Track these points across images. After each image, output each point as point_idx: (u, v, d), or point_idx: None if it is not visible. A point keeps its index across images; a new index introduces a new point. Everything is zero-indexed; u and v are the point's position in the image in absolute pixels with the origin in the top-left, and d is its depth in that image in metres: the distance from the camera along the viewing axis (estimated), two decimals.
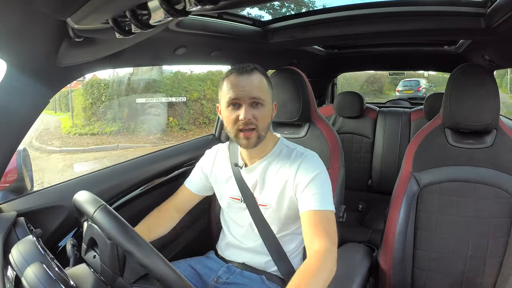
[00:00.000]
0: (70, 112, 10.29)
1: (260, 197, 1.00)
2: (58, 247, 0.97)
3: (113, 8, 0.55)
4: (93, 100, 8.93)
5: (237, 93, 0.90)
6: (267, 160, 0.99)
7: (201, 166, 1.11)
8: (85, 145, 8.16)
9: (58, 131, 9.43)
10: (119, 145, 8.11)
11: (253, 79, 0.92)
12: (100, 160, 6.84)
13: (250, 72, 0.92)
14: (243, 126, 0.90)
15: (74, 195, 0.73)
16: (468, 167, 1.09)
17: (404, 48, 1.88)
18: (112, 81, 8.97)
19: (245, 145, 0.93)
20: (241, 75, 0.92)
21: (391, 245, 1.10)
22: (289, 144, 1.02)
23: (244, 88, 0.90)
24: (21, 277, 0.58)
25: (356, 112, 2.18)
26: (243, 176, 1.01)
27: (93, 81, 8.89)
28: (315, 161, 0.97)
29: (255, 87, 0.91)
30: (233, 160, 1.04)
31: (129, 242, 0.60)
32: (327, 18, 1.26)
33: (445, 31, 1.20)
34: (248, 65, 0.94)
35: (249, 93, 0.90)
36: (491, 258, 1.05)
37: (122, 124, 8.80)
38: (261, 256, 1.02)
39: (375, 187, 2.15)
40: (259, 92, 0.91)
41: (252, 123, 0.90)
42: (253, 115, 0.90)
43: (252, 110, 0.90)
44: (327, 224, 0.86)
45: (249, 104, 0.90)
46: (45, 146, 8.17)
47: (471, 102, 1.06)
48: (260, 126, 0.92)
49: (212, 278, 1.01)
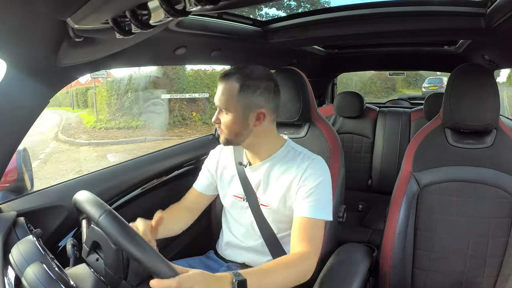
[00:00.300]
0: (88, 109, 11.00)
1: (262, 197, 1.00)
2: (58, 247, 0.97)
3: (113, 8, 0.54)
4: (118, 95, 9.49)
5: (215, 97, 0.96)
6: (271, 161, 1.00)
7: (207, 166, 1.12)
8: (113, 138, 8.59)
9: (80, 126, 10.00)
10: (147, 138, 8.53)
11: (224, 85, 0.93)
12: (131, 151, 7.25)
13: (225, 77, 0.94)
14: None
15: (74, 195, 0.73)
16: (468, 167, 1.09)
17: (404, 48, 1.87)
18: (138, 77, 9.56)
19: (220, 141, 0.98)
20: (219, 80, 0.95)
21: (391, 245, 1.10)
22: (295, 146, 1.03)
23: (217, 94, 0.95)
24: (21, 277, 0.58)
25: (356, 112, 2.18)
26: (247, 175, 1.02)
27: (119, 78, 9.63)
28: (321, 167, 0.97)
29: (222, 95, 0.93)
30: (238, 159, 1.05)
31: (138, 250, 0.60)
32: (327, 18, 1.26)
33: (445, 31, 1.20)
34: (230, 69, 0.96)
35: (217, 100, 0.95)
36: (491, 258, 1.05)
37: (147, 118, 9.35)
38: (261, 255, 1.02)
39: (375, 187, 2.15)
40: (223, 100, 0.93)
41: (220, 126, 0.96)
42: (219, 120, 0.95)
43: (220, 114, 0.95)
44: (313, 233, 0.89)
45: (220, 109, 0.95)
46: (73, 139, 8.65)
47: (471, 102, 1.06)
48: (225, 131, 0.95)
49: None
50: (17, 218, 0.80)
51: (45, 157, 7.27)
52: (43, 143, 8.51)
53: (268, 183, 0.99)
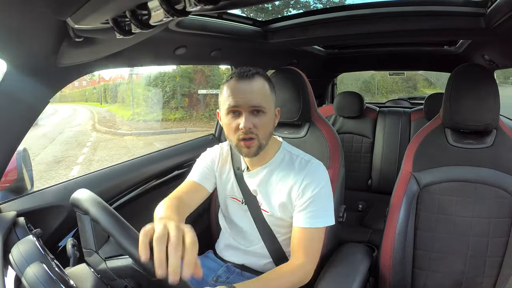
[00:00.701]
0: (118, 103, 12.16)
1: (263, 202, 0.99)
2: (58, 247, 0.97)
3: (113, 8, 0.54)
4: (155, 90, 10.52)
5: (237, 100, 0.86)
6: (269, 167, 0.97)
7: (205, 160, 1.06)
8: (155, 129, 9.42)
9: (115, 119, 11.14)
10: (187, 128, 9.31)
11: (254, 85, 0.87)
12: (175, 140, 7.74)
13: (251, 77, 0.87)
14: (244, 136, 0.87)
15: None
16: (468, 167, 1.09)
17: (404, 48, 1.87)
18: (175, 74, 10.50)
19: (246, 153, 0.90)
20: (241, 81, 0.87)
21: (391, 245, 1.10)
22: (292, 149, 0.99)
23: (244, 95, 0.86)
24: (21, 277, 0.58)
25: (356, 112, 2.18)
26: (245, 180, 1.00)
27: (159, 74, 10.58)
28: (320, 172, 0.94)
29: (256, 94, 0.86)
30: (236, 164, 1.02)
31: None
32: (327, 18, 1.26)
33: (445, 31, 1.19)
34: (249, 69, 0.89)
35: (249, 100, 0.85)
36: (491, 258, 1.05)
37: (185, 112, 10.28)
38: (261, 258, 1.02)
39: (375, 187, 2.15)
40: (260, 100, 0.87)
41: (252, 132, 0.86)
42: (253, 124, 0.86)
43: (252, 118, 0.86)
44: (310, 243, 0.90)
45: (249, 112, 0.86)
46: (114, 130, 9.58)
47: (471, 102, 1.06)
48: (261, 135, 0.88)
49: (212, 277, 1.01)
50: (17, 218, 0.80)
51: (92, 145, 7.97)
52: (84, 134, 9.47)
53: (268, 190, 0.97)
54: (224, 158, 1.05)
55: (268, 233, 0.99)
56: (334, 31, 1.27)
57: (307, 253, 0.89)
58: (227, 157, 1.05)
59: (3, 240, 0.72)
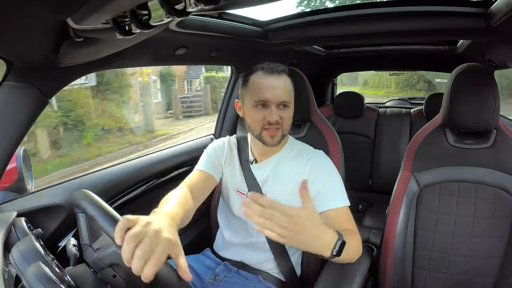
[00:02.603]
0: None
1: (270, 192, 1.00)
2: (58, 247, 0.97)
3: (113, 8, 0.54)
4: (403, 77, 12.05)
5: (267, 94, 0.91)
6: (278, 157, 1.01)
7: (214, 151, 1.07)
8: None
9: None
10: None
11: (281, 81, 0.94)
12: None
13: (280, 73, 0.94)
14: (269, 126, 0.93)
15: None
16: (468, 167, 1.09)
17: (404, 48, 1.88)
18: None
19: (269, 142, 0.95)
20: (271, 76, 0.93)
21: (391, 245, 1.10)
22: (298, 143, 1.06)
23: (274, 90, 0.92)
24: (21, 277, 0.58)
25: (356, 112, 2.18)
26: (253, 172, 1.02)
27: None
28: (326, 160, 1.01)
29: (283, 90, 0.93)
30: (243, 156, 1.05)
31: None
32: (327, 18, 1.26)
33: (445, 31, 1.19)
34: (277, 65, 0.95)
35: (279, 96, 0.92)
36: (491, 258, 1.05)
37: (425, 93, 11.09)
38: (260, 253, 1.02)
39: (375, 187, 2.15)
40: (287, 95, 0.93)
41: (278, 123, 0.93)
42: (280, 116, 0.93)
43: (279, 111, 0.93)
44: (348, 219, 0.93)
45: (276, 106, 0.92)
46: None
47: (471, 102, 1.06)
48: (285, 126, 0.95)
49: (209, 276, 1.02)
50: (17, 218, 0.80)
51: None
52: None
53: (276, 179, 1.00)
54: (231, 149, 1.09)
55: None
56: (334, 31, 1.27)
57: (354, 229, 0.90)
58: (234, 149, 1.08)
59: (3, 240, 0.72)
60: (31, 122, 0.82)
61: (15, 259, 0.62)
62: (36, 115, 0.83)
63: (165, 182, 1.34)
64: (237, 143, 1.09)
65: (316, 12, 1.32)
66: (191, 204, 0.86)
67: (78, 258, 0.75)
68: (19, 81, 0.76)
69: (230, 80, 1.70)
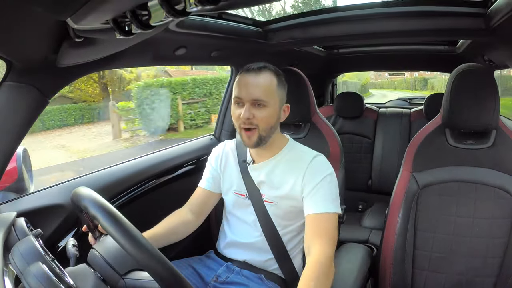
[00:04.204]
0: (428, 91, 14.77)
1: (267, 194, 1.01)
2: (58, 247, 0.97)
3: (113, 8, 0.54)
4: None
5: (240, 92, 0.92)
6: (275, 159, 1.00)
7: (210, 162, 1.12)
8: None
9: None
10: None
11: (259, 79, 0.92)
12: None
13: (257, 71, 0.92)
14: (244, 125, 0.92)
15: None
16: (468, 167, 1.09)
17: (404, 48, 1.88)
18: None
19: (246, 143, 0.95)
20: (247, 74, 0.93)
21: (391, 245, 1.10)
22: (299, 146, 1.04)
23: (247, 88, 0.91)
24: (21, 277, 0.58)
25: (356, 113, 2.18)
26: (250, 173, 1.02)
27: None
28: (324, 163, 0.98)
29: (259, 88, 0.91)
30: (241, 157, 1.05)
31: None
32: (327, 18, 1.26)
33: (445, 31, 1.19)
34: (258, 64, 0.94)
35: (252, 94, 0.90)
36: (491, 258, 1.05)
37: None
38: (262, 253, 1.02)
39: (375, 187, 2.15)
40: (261, 93, 0.91)
41: (252, 122, 0.91)
42: (254, 115, 0.91)
43: (253, 110, 0.91)
44: (326, 227, 0.88)
45: (251, 104, 0.91)
46: None
47: (471, 103, 1.06)
48: (261, 127, 0.92)
49: (212, 277, 1.02)
50: (17, 218, 0.80)
51: None
52: None
53: (273, 181, 1.00)
54: (227, 152, 1.09)
55: (269, 225, 1.00)
56: (334, 31, 1.27)
57: (327, 239, 0.85)
58: (232, 151, 1.08)
59: (3, 240, 0.72)
60: (31, 122, 0.82)
61: (15, 259, 0.62)
62: (36, 115, 0.83)
63: (166, 182, 1.34)
64: (236, 145, 1.09)
65: (316, 12, 1.32)
66: (188, 223, 1.05)
67: (78, 258, 0.75)
68: (19, 81, 0.76)
69: (230, 81, 1.70)
